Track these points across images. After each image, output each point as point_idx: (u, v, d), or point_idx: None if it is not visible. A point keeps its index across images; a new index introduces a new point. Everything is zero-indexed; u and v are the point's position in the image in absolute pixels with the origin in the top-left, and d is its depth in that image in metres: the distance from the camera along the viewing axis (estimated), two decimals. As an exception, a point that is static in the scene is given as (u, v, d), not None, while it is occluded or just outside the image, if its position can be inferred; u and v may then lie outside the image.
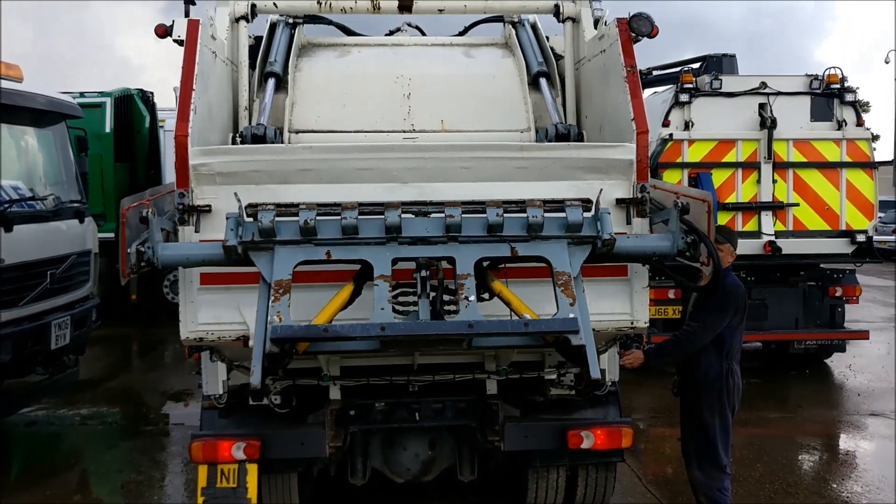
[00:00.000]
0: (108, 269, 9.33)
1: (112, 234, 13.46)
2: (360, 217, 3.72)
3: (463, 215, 3.74)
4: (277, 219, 3.67)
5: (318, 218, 3.69)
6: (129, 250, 3.72)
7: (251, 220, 3.72)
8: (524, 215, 3.78)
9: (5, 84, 7.07)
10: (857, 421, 8.51)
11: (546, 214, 3.78)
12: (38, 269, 7.12)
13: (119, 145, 13.42)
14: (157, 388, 9.96)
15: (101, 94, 13.47)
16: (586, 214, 3.83)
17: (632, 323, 4.23)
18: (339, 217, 3.71)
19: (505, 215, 3.76)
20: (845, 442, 8.06)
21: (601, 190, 3.95)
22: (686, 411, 5.23)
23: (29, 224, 7.08)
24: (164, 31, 4.62)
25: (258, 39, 5.72)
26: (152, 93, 14.75)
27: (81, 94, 12.39)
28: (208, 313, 4.05)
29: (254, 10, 5.52)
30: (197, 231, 4.00)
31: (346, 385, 4.83)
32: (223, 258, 3.75)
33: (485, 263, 3.87)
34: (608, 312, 4.19)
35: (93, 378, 9.91)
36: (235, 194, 3.75)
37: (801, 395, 9.43)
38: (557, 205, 3.86)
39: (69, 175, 8.24)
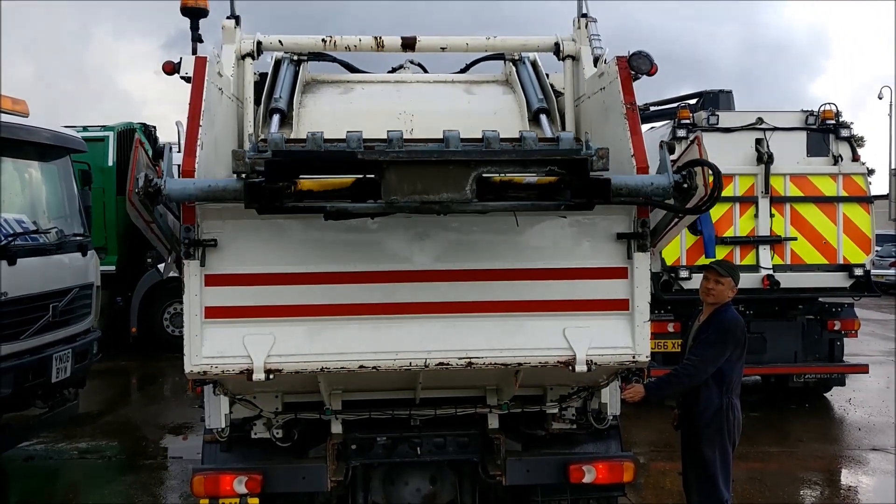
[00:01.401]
0: (109, 301, 9.35)
1: (113, 267, 13.45)
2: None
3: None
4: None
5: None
6: (137, 175, 3.72)
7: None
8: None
9: (12, 119, 7.15)
10: (858, 456, 8.49)
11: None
12: (40, 302, 7.14)
13: (121, 179, 13.51)
14: (156, 422, 9.92)
15: (105, 128, 13.60)
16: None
17: (633, 357, 4.25)
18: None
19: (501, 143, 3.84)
20: (846, 477, 8.04)
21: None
22: (686, 445, 5.24)
23: (32, 257, 7.12)
24: (171, 68, 4.68)
25: (263, 76, 5.79)
26: (155, 127, 14.87)
27: (85, 129, 12.49)
28: (213, 347, 4.07)
29: (259, 48, 5.61)
30: (202, 265, 4.03)
31: (348, 419, 4.83)
32: (229, 190, 3.77)
33: None
34: (610, 347, 4.21)
35: (92, 412, 9.88)
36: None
37: (801, 430, 9.42)
38: (552, 141, 3.98)
39: (72, 208, 8.30)
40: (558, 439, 5.03)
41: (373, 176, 3.55)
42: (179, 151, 4.24)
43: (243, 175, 3.71)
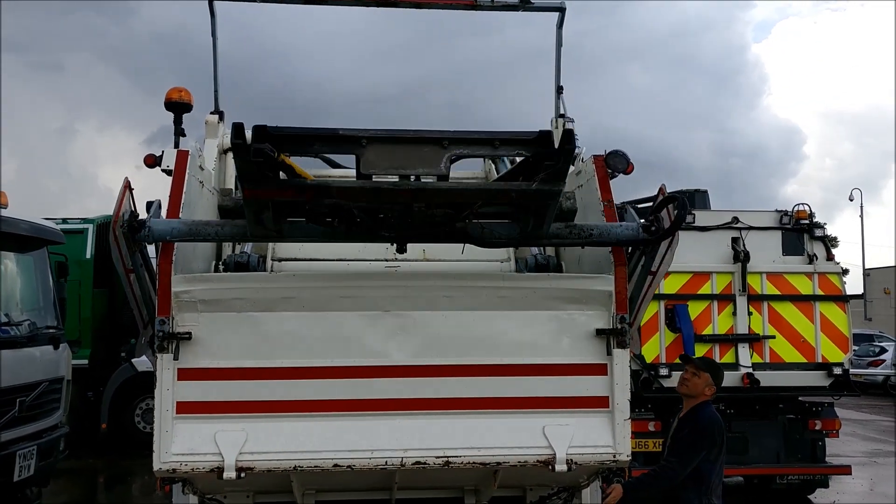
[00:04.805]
0: (80, 396, 9.13)
1: (86, 361, 13.13)
2: None
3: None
4: None
5: None
6: (123, 211, 3.78)
7: None
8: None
9: (-10, 210, 7.14)
10: (845, 561, 8.27)
11: None
12: (7, 396, 6.96)
13: (99, 271, 13.41)
14: (121, 524, 9.55)
15: (84, 220, 13.56)
16: None
17: (614, 456, 4.18)
18: None
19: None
20: (834, 583, 7.81)
21: None
22: (669, 549, 5.08)
23: (1, 350, 6.97)
24: (153, 161, 4.73)
25: (245, 170, 5.83)
26: (136, 222, 14.83)
27: (64, 221, 12.46)
28: (183, 443, 3.96)
29: (242, 143, 5.67)
30: (176, 359, 3.96)
31: (321, 520, 4.68)
32: (212, 224, 3.86)
33: None
34: (591, 445, 4.14)
35: (55, 512, 9.51)
36: None
37: (786, 534, 9.19)
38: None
39: (46, 301, 8.20)
40: (538, 542, 4.88)
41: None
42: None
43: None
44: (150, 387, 4.05)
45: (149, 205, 4.06)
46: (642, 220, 4.12)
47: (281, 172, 3.52)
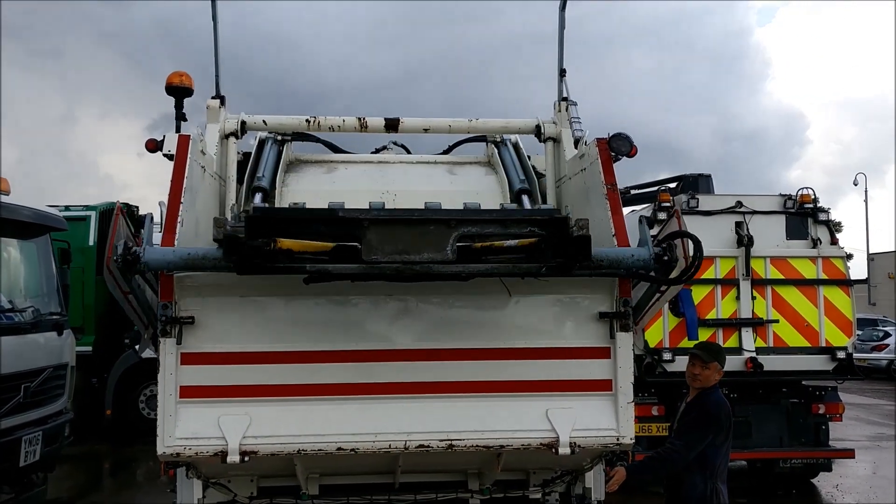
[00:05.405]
0: (84, 382, 9.14)
1: (90, 348, 13.14)
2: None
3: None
4: None
5: None
6: (116, 242, 3.69)
7: None
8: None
9: (-8, 197, 7.12)
10: (848, 543, 8.28)
11: None
12: (11, 382, 6.97)
13: (102, 258, 13.39)
14: (127, 509, 9.59)
15: (87, 207, 13.56)
16: None
17: (618, 439, 4.18)
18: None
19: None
20: (837, 566, 7.82)
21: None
22: (673, 532, 5.09)
23: (6, 336, 6.98)
24: (154, 146, 4.71)
25: (247, 155, 5.83)
26: (137, 207, 14.84)
27: (67, 208, 12.46)
28: (186, 428, 3.97)
29: (243, 127, 5.66)
30: (179, 343, 3.97)
31: (325, 504, 4.69)
32: (209, 258, 3.71)
33: None
34: (594, 428, 4.14)
35: (61, 497, 9.56)
36: None
37: (789, 517, 9.20)
38: None
39: (50, 287, 8.20)
40: (542, 525, 4.89)
41: (354, 244, 3.50)
42: (161, 231, 4.21)
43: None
44: (154, 373, 4.05)
45: (141, 221, 4.01)
46: (655, 248, 3.98)
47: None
